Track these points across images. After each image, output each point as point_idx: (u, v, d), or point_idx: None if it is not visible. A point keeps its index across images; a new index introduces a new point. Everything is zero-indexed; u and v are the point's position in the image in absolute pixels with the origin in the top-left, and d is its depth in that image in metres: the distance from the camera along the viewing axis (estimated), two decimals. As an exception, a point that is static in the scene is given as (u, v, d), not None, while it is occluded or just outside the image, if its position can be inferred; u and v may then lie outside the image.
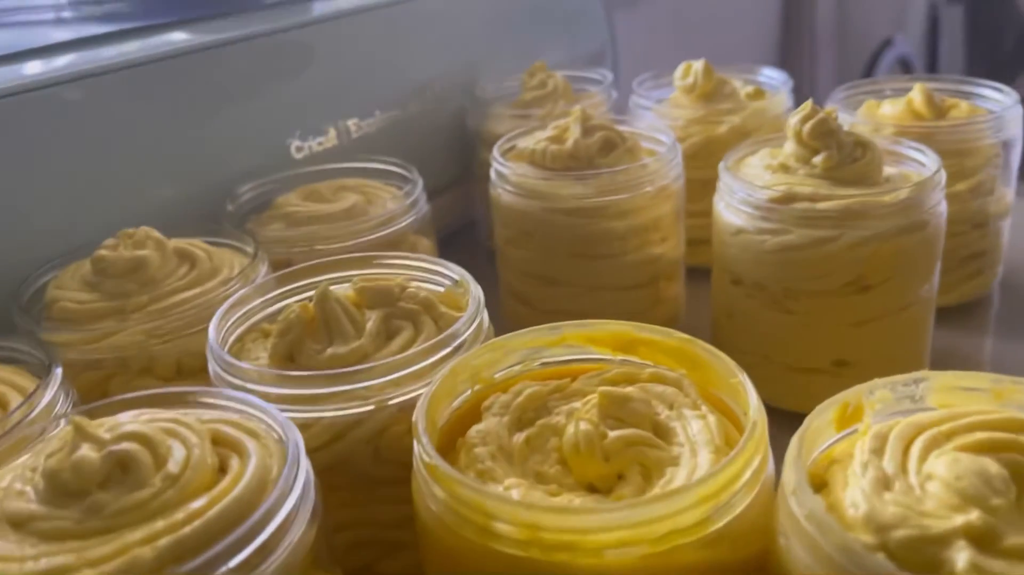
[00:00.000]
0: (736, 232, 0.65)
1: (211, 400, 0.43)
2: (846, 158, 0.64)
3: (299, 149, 0.81)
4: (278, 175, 0.78)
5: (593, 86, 0.99)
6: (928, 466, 0.35)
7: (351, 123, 0.86)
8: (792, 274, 0.63)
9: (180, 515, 0.35)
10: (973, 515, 0.32)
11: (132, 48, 0.71)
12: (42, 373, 0.50)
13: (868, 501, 0.34)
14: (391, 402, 0.47)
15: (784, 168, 0.66)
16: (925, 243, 0.62)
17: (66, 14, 0.86)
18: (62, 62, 0.67)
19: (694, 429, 0.42)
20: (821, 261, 0.62)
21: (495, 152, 0.75)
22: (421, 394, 0.43)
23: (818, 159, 0.64)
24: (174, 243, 0.62)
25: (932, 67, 2.37)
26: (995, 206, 0.78)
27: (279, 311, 0.56)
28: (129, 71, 0.69)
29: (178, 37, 0.75)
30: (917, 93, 0.78)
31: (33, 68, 0.65)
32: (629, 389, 0.44)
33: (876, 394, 0.40)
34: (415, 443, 0.40)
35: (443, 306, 0.53)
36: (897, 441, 0.37)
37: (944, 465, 0.35)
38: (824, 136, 0.64)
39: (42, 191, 0.64)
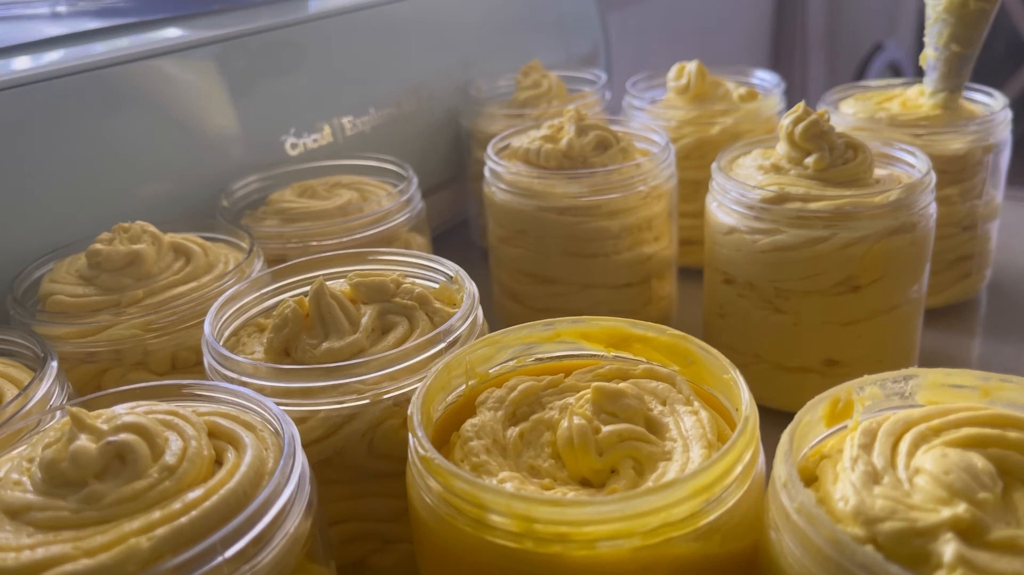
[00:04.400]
0: (728, 232, 0.66)
1: (208, 393, 0.44)
2: (837, 159, 0.64)
3: (294, 146, 0.82)
4: (273, 171, 0.78)
5: (587, 86, 1.00)
6: (916, 461, 0.36)
7: (346, 121, 0.86)
8: (783, 274, 0.64)
9: (177, 506, 0.35)
10: (960, 508, 0.33)
11: (125, 44, 0.71)
12: (37, 366, 0.50)
13: (857, 495, 0.35)
14: (386, 396, 0.48)
15: (776, 169, 0.66)
16: (915, 244, 0.63)
17: (61, 8, 0.86)
18: (56, 57, 0.67)
19: (687, 424, 0.42)
20: (812, 261, 0.62)
21: (489, 150, 0.75)
22: (416, 388, 0.43)
23: (810, 160, 0.64)
24: (169, 237, 0.62)
25: (922, 71, 2.38)
26: (984, 209, 0.78)
27: (274, 306, 0.56)
28: (123, 67, 0.69)
29: (173, 33, 0.75)
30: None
31: (27, 63, 0.65)
32: (622, 385, 0.44)
33: (866, 390, 0.41)
34: (410, 436, 0.40)
35: (438, 302, 0.53)
36: (886, 436, 0.37)
37: (932, 460, 0.35)
38: (816, 138, 0.65)
39: (37, 185, 0.64)
